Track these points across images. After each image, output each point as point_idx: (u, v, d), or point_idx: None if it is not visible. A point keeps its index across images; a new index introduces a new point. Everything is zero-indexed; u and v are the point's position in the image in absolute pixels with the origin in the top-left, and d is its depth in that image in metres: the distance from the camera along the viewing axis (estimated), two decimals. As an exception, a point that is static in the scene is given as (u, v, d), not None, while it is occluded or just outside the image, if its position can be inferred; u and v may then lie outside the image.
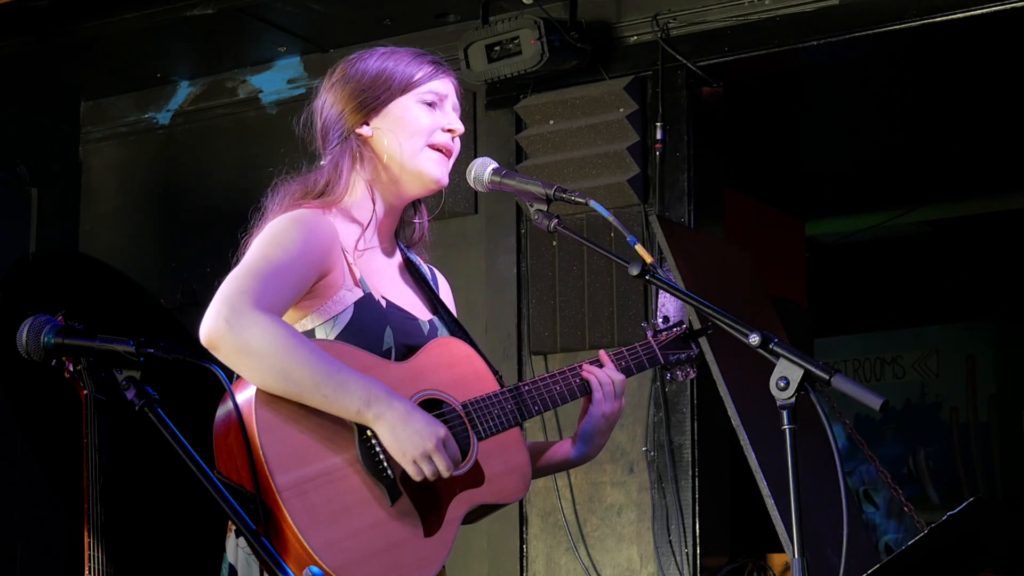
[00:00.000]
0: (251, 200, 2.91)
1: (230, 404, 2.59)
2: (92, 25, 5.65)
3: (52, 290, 5.83)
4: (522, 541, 5.23)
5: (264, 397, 2.56)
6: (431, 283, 2.97)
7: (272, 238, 2.69)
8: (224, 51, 5.91)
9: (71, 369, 3.45)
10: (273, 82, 5.98)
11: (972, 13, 4.79)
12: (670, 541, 4.97)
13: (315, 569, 2.33)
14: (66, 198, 6.29)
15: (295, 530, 2.48)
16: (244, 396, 2.58)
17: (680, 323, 3.05)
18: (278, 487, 2.49)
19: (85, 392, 3.49)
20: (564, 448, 2.96)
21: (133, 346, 2.31)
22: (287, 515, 2.48)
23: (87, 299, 5.74)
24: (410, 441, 2.59)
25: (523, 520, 5.23)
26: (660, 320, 3.06)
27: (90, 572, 3.44)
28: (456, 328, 2.90)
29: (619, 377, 2.92)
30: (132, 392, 2.29)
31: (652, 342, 3.01)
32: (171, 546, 5.57)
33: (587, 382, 2.90)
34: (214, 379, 2.30)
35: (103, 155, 6.34)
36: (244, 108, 6.06)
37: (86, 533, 3.48)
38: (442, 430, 2.62)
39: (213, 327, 2.55)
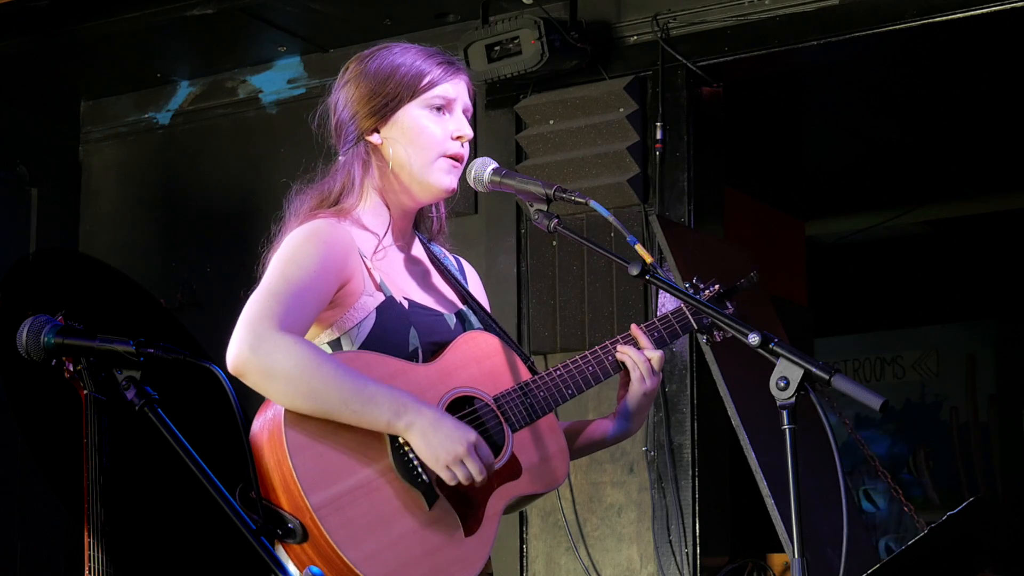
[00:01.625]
0: (251, 200, 2.91)
1: (258, 424, 2.61)
2: (92, 25, 5.64)
3: (52, 290, 5.83)
4: (522, 541, 5.23)
5: (292, 418, 2.56)
6: (458, 274, 2.96)
7: (290, 256, 2.68)
8: (224, 51, 5.90)
9: (71, 369, 3.44)
10: (273, 82, 5.98)
11: (972, 13, 4.79)
12: (670, 541, 4.97)
13: (315, 569, 2.33)
14: (66, 198, 6.29)
15: (334, 547, 2.49)
16: (272, 415, 2.59)
17: (714, 282, 3.01)
18: (313, 506, 2.49)
19: (85, 392, 3.48)
20: (604, 426, 2.95)
21: (133, 346, 2.31)
22: (325, 533, 2.49)
23: (87, 299, 5.73)
24: (442, 446, 2.58)
25: (523, 520, 5.23)
26: (694, 280, 2.99)
27: (90, 572, 3.43)
28: (486, 317, 2.90)
29: (657, 355, 2.88)
30: (132, 392, 2.30)
31: (685, 308, 2.96)
32: (171, 546, 5.57)
33: (621, 361, 2.87)
34: (214, 379, 2.30)
35: (103, 155, 6.34)
36: (244, 108, 6.06)
37: (86, 533, 3.47)
38: (472, 435, 2.62)
39: (238, 355, 2.56)
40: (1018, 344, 8.80)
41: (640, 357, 2.87)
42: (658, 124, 5.16)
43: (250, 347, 2.55)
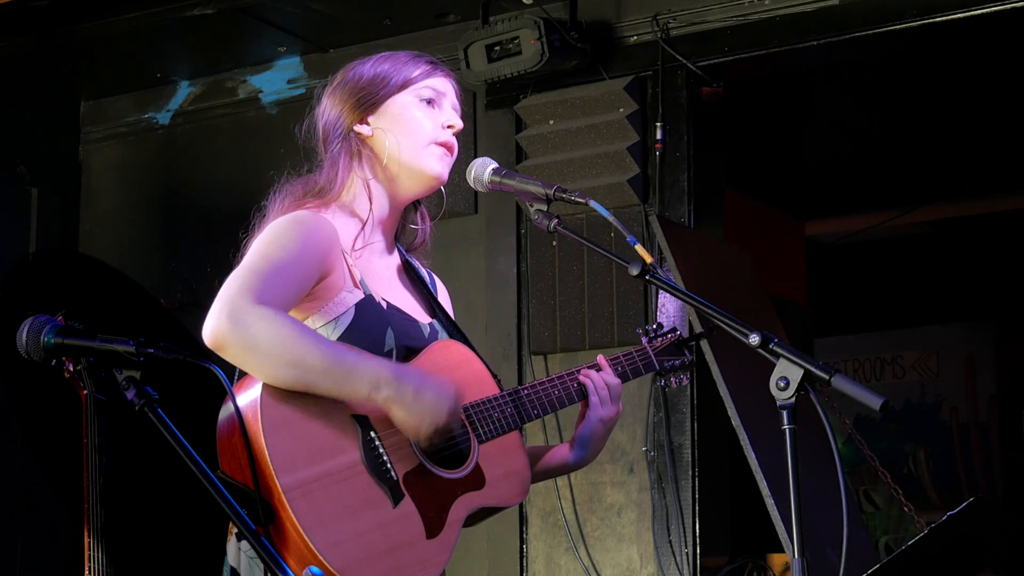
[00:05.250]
0: (251, 200, 2.91)
1: (231, 405, 2.58)
2: (92, 25, 5.65)
3: (52, 290, 5.83)
4: (522, 541, 5.23)
5: (269, 398, 2.55)
6: (430, 287, 2.97)
7: (272, 238, 2.68)
8: (224, 51, 5.91)
9: (71, 369, 3.45)
10: (273, 82, 5.99)
11: (972, 13, 4.79)
12: (670, 541, 4.97)
13: (315, 569, 2.33)
14: (66, 198, 6.29)
15: (300, 530, 2.48)
16: (249, 397, 2.57)
17: (674, 329, 3.09)
18: (283, 487, 2.49)
19: (85, 392, 3.49)
20: (562, 452, 2.98)
21: (133, 346, 2.31)
22: (292, 515, 2.48)
23: (87, 299, 5.74)
24: (420, 418, 2.62)
25: (523, 520, 5.23)
26: (654, 326, 3.08)
27: (90, 572, 3.44)
28: (455, 331, 2.91)
29: (615, 382, 2.95)
30: (132, 392, 2.29)
31: (648, 348, 3.05)
32: (171, 546, 5.57)
33: (584, 386, 2.93)
34: (214, 379, 2.30)
35: (103, 155, 6.34)
36: (244, 108, 6.06)
37: (86, 533, 3.48)
38: (447, 403, 2.64)
39: (216, 328, 2.54)
40: (1018, 344, 8.79)
41: (601, 384, 2.92)
42: (658, 124, 5.16)
43: (229, 319, 2.53)
